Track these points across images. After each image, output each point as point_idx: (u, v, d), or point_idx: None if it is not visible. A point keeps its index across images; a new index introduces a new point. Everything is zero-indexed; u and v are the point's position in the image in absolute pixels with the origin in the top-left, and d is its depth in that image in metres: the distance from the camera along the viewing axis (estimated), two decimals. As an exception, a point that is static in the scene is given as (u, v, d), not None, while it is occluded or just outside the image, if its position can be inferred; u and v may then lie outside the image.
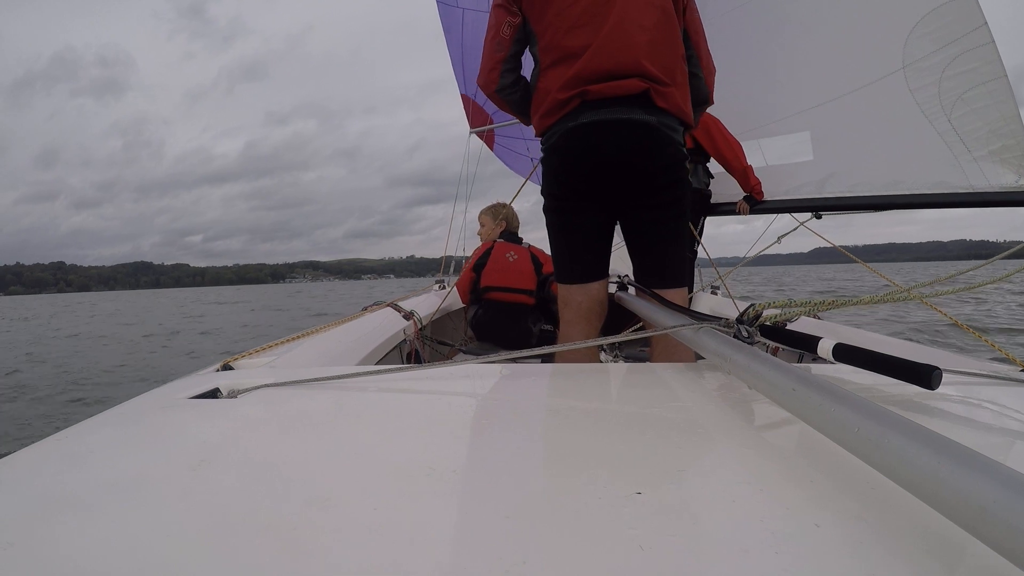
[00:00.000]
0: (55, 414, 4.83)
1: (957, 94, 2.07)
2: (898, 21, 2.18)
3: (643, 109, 1.38)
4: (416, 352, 2.26)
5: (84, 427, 0.64)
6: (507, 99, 1.61)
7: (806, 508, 0.42)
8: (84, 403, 5.25)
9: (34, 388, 6.11)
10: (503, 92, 1.60)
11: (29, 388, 6.12)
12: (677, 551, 0.37)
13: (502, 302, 2.86)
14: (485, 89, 1.62)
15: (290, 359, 1.17)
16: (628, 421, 0.66)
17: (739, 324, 0.89)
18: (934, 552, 0.37)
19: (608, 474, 0.48)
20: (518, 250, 2.92)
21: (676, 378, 0.87)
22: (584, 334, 1.55)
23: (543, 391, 0.84)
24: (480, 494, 0.45)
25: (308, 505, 0.43)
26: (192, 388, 0.79)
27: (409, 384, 0.83)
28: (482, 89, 1.64)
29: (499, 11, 1.53)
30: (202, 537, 0.38)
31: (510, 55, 1.55)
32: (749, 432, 0.63)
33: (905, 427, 0.41)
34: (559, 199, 1.54)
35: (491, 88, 1.60)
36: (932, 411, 0.71)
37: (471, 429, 0.65)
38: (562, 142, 1.46)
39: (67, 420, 3.70)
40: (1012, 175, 2.01)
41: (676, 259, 1.54)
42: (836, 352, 0.76)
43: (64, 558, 0.36)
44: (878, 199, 2.34)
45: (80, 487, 0.47)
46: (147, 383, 4.55)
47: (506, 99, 1.62)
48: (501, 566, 0.34)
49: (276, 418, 0.69)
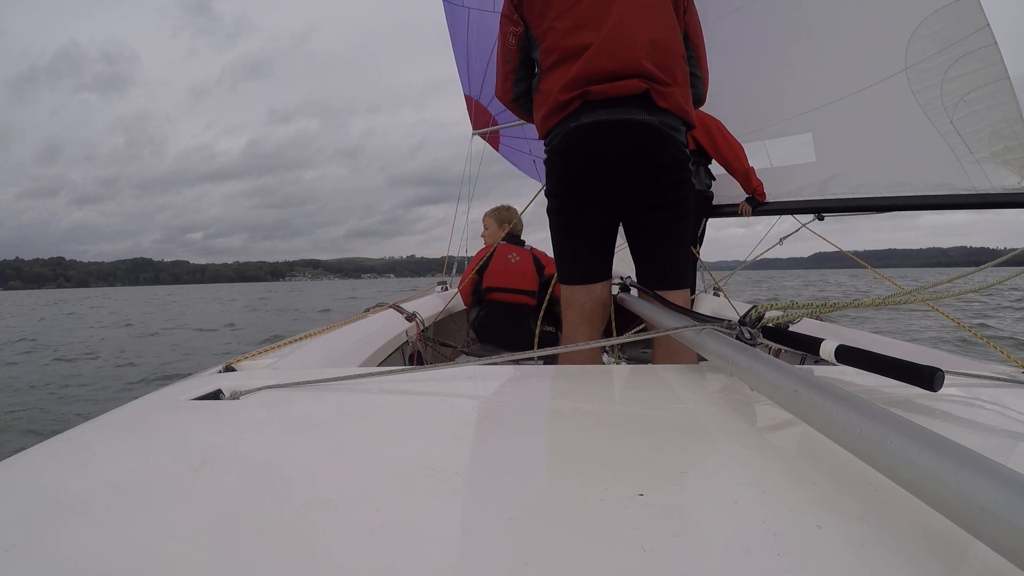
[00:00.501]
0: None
1: (959, 95, 2.07)
2: (901, 23, 2.18)
3: (644, 109, 1.38)
4: (418, 353, 2.26)
5: (86, 429, 0.64)
6: (523, 108, 1.65)
7: (808, 509, 0.42)
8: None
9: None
10: (518, 101, 1.64)
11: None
12: (679, 552, 0.37)
13: (504, 303, 2.87)
14: (503, 100, 1.67)
15: (292, 360, 1.17)
16: (630, 423, 0.66)
17: (741, 326, 0.89)
18: (936, 553, 0.37)
19: (610, 476, 0.48)
20: (520, 252, 2.94)
21: (678, 380, 0.87)
22: (587, 335, 1.55)
23: (545, 393, 0.85)
24: (482, 495, 0.46)
25: (310, 506, 0.43)
26: (194, 389, 0.80)
27: (411, 385, 0.83)
28: (500, 101, 1.68)
29: (504, 22, 1.55)
30: (204, 538, 0.39)
31: (518, 64, 1.58)
32: (751, 433, 0.63)
33: (907, 428, 0.41)
34: (562, 200, 1.54)
35: (507, 99, 1.64)
36: (934, 412, 0.71)
37: (473, 430, 0.65)
38: (564, 143, 1.46)
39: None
40: (1014, 176, 2.01)
41: (678, 260, 1.54)
42: (838, 354, 0.76)
43: (66, 560, 0.36)
44: (881, 200, 2.34)
45: (82, 489, 0.48)
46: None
47: (522, 108, 1.65)
48: (503, 567, 0.34)
49: (278, 419, 0.70)
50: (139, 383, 5.94)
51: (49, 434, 0.60)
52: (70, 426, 0.64)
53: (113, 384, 6.00)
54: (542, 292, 2.81)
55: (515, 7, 1.52)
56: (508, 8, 1.53)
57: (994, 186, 2.04)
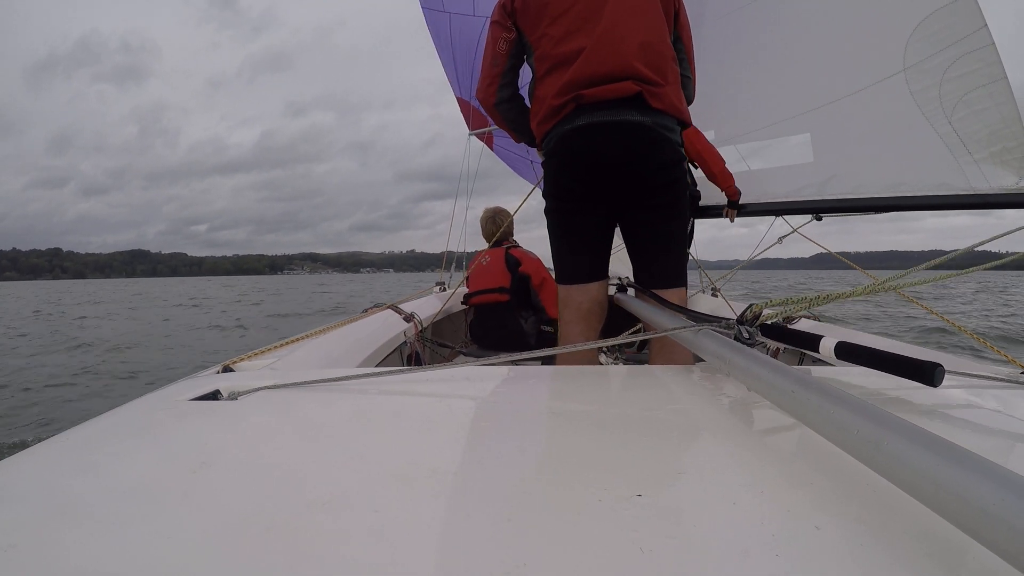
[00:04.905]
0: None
1: (958, 96, 2.07)
2: (899, 23, 2.18)
3: (637, 111, 1.40)
4: (416, 354, 2.26)
5: (84, 429, 0.64)
6: (504, 114, 1.66)
7: (806, 510, 0.42)
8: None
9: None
10: (500, 106, 1.64)
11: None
12: (677, 553, 0.37)
13: (482, 304, 2.95)
14: (484, 103, 1.66)
15: (291, 361, 1.17)
16: (628, 423, 0.66)
17: (739, 325, 0.89)
18: (934, 555, 0.37)
19: (608, 476, 0.48)
20: (492, 252, 3.00)
21: (676, 380, 0.87)
22: (583, 335, 1.55)
23: (543, 393, 0.84)
24: (480, 496, 0.45)
25: (309, 507, 0.43)
26: (192, 390, 0.79)
27: (409, 386, 0.83)
28: (480, 103, 1.68)
29: (495, 27, 1.56)
30: (202, 539, 0.38)
31: (506, 69, 1.59)
32: (749, 434, 0.63)
33: (905, 429, 0.41)
34: (559, 201, 1.55)
35: (490, 102, 1.64)
36: (932, 413, 0.71)
37: (471, 431, 0.65)
38: (559, 146, 1.47)
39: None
40: (1013, 177, 2.01)
41: (674, 259, 1.55)
42: (838, 350, 0.76)
43: (65, 560, 0.36)
44: (879, 201, 2.34)
45: (80, 489, 0.48)
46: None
47: (503, 114, 1.66)
48: (501, 568, 0.34)
49: (276, 420, 0.69)
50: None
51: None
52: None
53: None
54: (519, 287, 2.84)
55: (508, 14, 1.53)
56: (501, 15, 1.54)
57: (992, 186, 2.05)
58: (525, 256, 2.93)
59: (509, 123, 1.67)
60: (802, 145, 2.56)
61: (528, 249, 3.03)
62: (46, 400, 5.20)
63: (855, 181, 2.40)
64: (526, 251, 3.00)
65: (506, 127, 1.70)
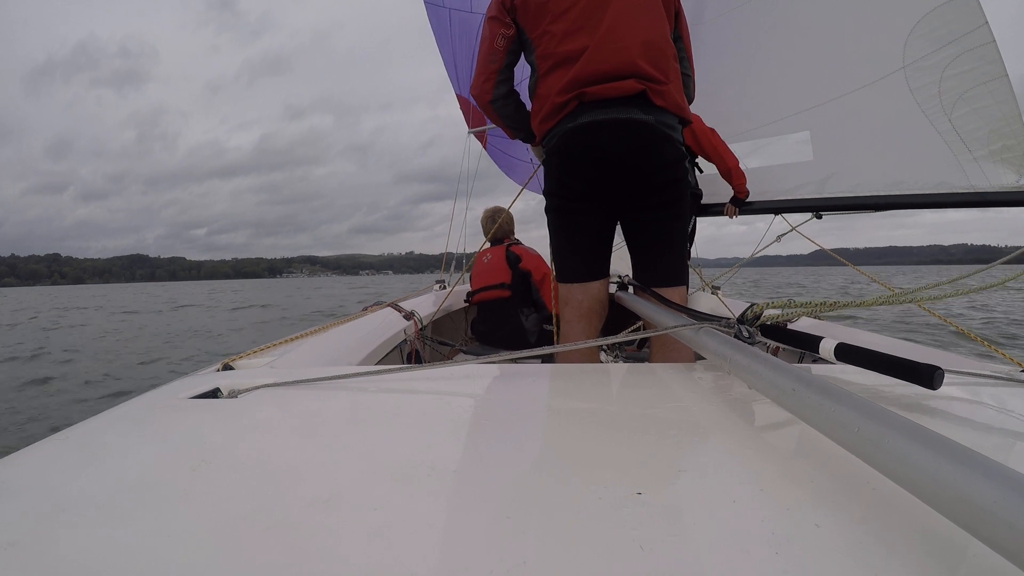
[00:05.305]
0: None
1: (958, 94, 2.07)
2: (898, 21, 2.18)
3: (640, 109, 1.40)
4: (416, 352, 2.26)
5: (84, 427, 0.64)
6: (500, 111, 1.64)
7: (806, 508, 0.42)
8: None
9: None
10: (496, 103, 1.62)
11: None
12: (677, 551, 0.37)
13: (485, 301, 2.97)
14: (479, 100, 1.64)
15: (290, 359, 1.17)
16: (628, 421, 0.66)
17: (740, 324, 0.89)
18: (935, 553, 0.37)
19: (608, 474, 0.48)
20: (493, 250, 3.03)
21: (676, 378, 0.87)
22: (584, 333, 1.55)
23: (543, 391, 0.84)
24: (480, 494, 0.45)
25: (309, 505, 0.43)
26: (192, 388, 0.79)
27: (409, 384, 0.83)
28: (475, 100, 1.66)
29: (492, 23, 1.55)
30: (202, 537, 0.38)
31: (504, 66, 1.57)
32: (749, 432, 0.63)
33: (905, 427, 0.41)
34: (560, 199, 1.55)
35: (485, 99, 1.62)
36: (933, 411, 0.71)
37: (471, 429, 0.65)
38: (561, 143, 1.47)
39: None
40: (1012, 175, 2.01)
41: (675, 258, 1.54)
42: (838, 352, 0.76)
43: (64, 558, 0.36)
44: (879, 199, 2.33)
45: (81, 487, 0.48)
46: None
47: (498, 111, 1.64)
48: (501, 566, 0.34)
49: (276, 418, 0.69)
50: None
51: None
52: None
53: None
54: (520, 284, 2.85)
55: (507, 11, 1.52)
56: (498, 11, 1.53)
57: (992, 184, 2.04)
58: (526, 253, 2.95)
59: (505, 119, 1.66)
60: (801, 143, 2.56)
61: (530, 247, 3.04)
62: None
63: (855, 179, 2.40)
64: (527, 248, 3.02)
65: (501, 124, 1.69)
